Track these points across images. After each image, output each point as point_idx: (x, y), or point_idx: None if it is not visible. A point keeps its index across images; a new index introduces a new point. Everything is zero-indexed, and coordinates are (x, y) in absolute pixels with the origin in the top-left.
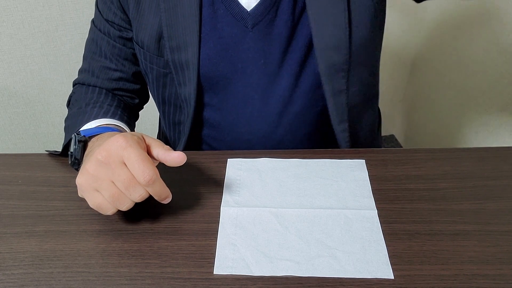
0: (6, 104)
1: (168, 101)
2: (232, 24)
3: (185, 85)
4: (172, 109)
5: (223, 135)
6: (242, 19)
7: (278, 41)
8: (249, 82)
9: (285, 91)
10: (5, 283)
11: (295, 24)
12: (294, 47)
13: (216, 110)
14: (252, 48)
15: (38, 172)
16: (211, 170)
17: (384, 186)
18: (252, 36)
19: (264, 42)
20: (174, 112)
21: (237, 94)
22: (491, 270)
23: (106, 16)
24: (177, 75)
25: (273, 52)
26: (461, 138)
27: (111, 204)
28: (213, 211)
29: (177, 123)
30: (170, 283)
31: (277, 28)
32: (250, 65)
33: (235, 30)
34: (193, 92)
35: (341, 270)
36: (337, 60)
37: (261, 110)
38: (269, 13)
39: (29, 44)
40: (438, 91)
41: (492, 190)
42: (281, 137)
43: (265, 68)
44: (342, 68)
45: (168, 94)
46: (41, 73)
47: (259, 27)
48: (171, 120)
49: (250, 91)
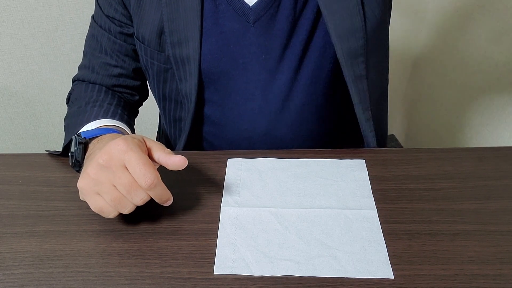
0: (6, 104)
1: (169, 97)
2: (233, 19)
3: (186, 80)
4: (172, 105)
5: (224, 132)
6: (244, 14)
7: (279, 36)
8: (251, 78)
9: (285, 86)
10: (5, 283)
11: (296, 19)
12: (295, 42)
13: (217, 107)
14: (253, 44)
15: (38, 172)
16: (211, 170)
17: (384, 186)
18: (254, 31)
19: (265, 37)
20: (174, 109)
21: (238, 91)
22: (491, 270)
23: (106, 12)
24: (178, 70)
25: (274, 47)
26: (462, 138)
27: (113, 207)
28: (213, 211)
29: (178, 120)
30: (170, 283)
31: (278, 23)
32: (251, 60)
33: (236, 25)
34: (194, 88)
35: (341, 270)
36: (355, 45)
37: (262, 107)
38: (270, 8)
39: (29, 44)
40: (438, 91)
41: (493, 190)
42: (282, 134)
43: (265, 64)
44: (360, 53)
45: (169, 90)
46: (41, 73)
47: (261, 22)
48: (171, 116)
49: (251, 87)
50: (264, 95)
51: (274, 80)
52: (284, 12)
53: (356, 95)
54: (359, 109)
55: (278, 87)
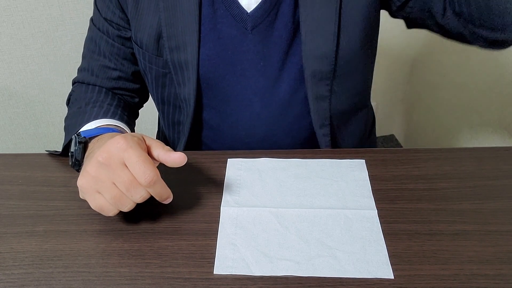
0: (6, 104)
1: (168, 101)
2: (231, 25)
3: (185, 85)
4: (171, 109)
5: (222, 138)
6: (242, 20)
7: (278, 44)
8: (249, 84)
9: (286, 94)
10: (5, 283)
11: (296, 28)
12: (295, 51)
13: (215, 112)
14: (251, 50)
15: (38, 172)
16: (211, 170)
17: (384, 186)
18: (252, 38)
19: (264, 44)
20: (173, 112)
21: (236, 97)
22: (491, 270)
23: (104, 15)
24: (176, 75)
25: (273, 55)
26: (461, 138)
27: (113, 205)
28: (213, 211)
29: (177, 123)
30: (170, 283)
31: (277, 31)
32: (249, 67)
33: (234, 31)
34: (192, 93)
35: (341, 270)
36: (322, 69)
37: (260, 114)
38: (269, 15)
39: (29, 44)
40: (438, 91)
41: (492, 190)
42: (280, 140)
43: (265, 71)
44: (326, 77)
45: (168, 94)
46: (41, 73)
47: (259, 29)
48: (170, 120)
49: (250, 94)
50: (263, 102)
51: (273, 88)
52: (283, 20)
53: (315, 112)
54: (316, 125)
55: (279, 95)
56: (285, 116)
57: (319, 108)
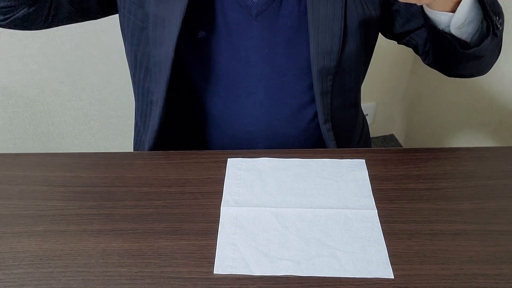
0: (6, 104)
1: (140, 62)
2: (236, 10)
3: (161, 44)
4: (142, 73)
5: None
6: (247, 6)
7: (284, 32)
8: (254, 72)
9: (290, 83)
10: (5, 283)
11: (302, 15)
12: (301, 40)
13: (218, 99)
14: (256, 37)
15: (38, 172)
16: (211, 170)
17: (384, 186)
18: (256, 25)
19: (269, 31)
20: (144, 78)
21: (240, 84)
22: (491, 269)
23: None
24: (154, 31)
25: (278, 42)
26: (461, 137)
27: None
28: (213, 211)
29: (146, 92)
30: (170, 283)
31: (282, 19)
32: (254, 54)
33: (239, 17)
34: (170, 54)
35: (341, 270)
36: (328, 65)
37: (264, 102)
38: (273, 2)
39: (29, 44)
40: (438, 91)
41: (492, 190)
42: (282, 130)
43: (269, 59)
44: (330, 72)
45: (141, 54)
46: (41, 72)
47: (263, 16)
48: (140, 88)
49: (255, 81)
50: (267, 90)
51: (278, 75)
52: (288, 8)
53: (321, 108)
54: (321, 120)
55: (284, 83)
56: (289, 105)
57: (324, 103)
